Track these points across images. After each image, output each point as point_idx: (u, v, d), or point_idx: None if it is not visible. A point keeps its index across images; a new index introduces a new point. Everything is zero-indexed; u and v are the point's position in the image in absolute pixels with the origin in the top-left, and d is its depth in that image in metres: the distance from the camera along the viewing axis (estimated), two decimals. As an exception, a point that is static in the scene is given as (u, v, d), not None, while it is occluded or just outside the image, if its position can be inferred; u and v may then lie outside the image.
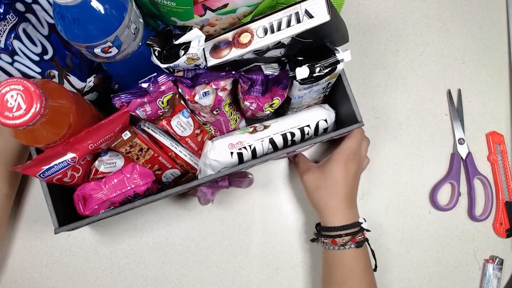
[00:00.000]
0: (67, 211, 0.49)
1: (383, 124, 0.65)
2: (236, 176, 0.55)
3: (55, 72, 0.48)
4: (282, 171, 0.64)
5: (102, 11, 0.38)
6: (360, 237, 0.52)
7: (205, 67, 0.47)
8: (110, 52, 0.42)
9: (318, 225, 0.58)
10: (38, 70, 0.46)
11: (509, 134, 0.66)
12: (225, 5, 0.45)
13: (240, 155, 0.52)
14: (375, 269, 0.55)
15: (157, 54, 0.44)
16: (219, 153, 0.51)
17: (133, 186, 0.48)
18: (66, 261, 0.62)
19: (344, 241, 0.52)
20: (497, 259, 0.62)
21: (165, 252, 0.62)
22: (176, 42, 0.43)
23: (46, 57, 0.47)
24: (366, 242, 0.54)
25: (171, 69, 0.47)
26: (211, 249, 0.62)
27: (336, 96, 0.56)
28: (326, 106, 0.57)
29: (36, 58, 0.46)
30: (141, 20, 0.44)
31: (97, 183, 0.48)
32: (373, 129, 0.65)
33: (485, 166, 0.65)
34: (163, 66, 0.44)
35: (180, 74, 0.47)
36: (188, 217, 0.63)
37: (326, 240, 0.54)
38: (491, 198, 0.64)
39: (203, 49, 0.46)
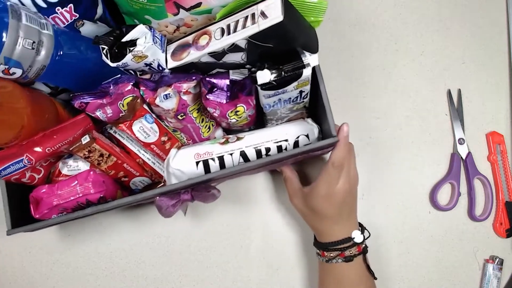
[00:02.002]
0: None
1: (383, 124, 0.65)
2: (199, 190, 0.50)
3: None
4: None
5: None
6: (350, 252, 0.51)
7: (164, 69, 0.45)
8: (14, 73, 0.39)
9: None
10: None
11: (509, 134, 0.66)
12: (199, 4, 0.43)
13: (206, 166, 0.48)
14: (375, 278, 0.54)
15: (105, 53, 0.43)
16: (182, 162, 0.48)
17: (85, 193, 0.46)
18: (66, 261, 0.62)
19: (331, 255, 0.51)
20: (497, 259, 0.62)
21: (165, 252, 0.62)
22: (123, 40, 0.42)
23: None
24: (362, 255, 0.52)
25: (131, 72, 0.46)
26: (211, 249, 0.62)
27: (318, 109, 0.49)
28: (309, 120, 0.52)
29: None
30: (45, 31, 0.41)
31: (50, 187, 0.46)
32: (373, 129, 0.65)
33: (485, 166, 0.65)
34: (112, 65, 0.43)
35: (147, 76, 0.47)
36: (188, 217, 0.63)
37: (317, 251, 0.54)
38: (491, 198, 0.64)
39: (165, 51, 0.44)
